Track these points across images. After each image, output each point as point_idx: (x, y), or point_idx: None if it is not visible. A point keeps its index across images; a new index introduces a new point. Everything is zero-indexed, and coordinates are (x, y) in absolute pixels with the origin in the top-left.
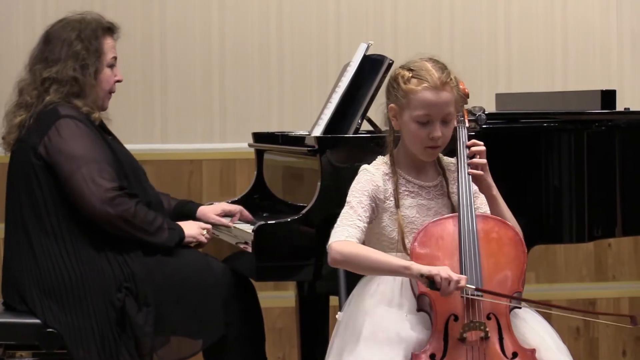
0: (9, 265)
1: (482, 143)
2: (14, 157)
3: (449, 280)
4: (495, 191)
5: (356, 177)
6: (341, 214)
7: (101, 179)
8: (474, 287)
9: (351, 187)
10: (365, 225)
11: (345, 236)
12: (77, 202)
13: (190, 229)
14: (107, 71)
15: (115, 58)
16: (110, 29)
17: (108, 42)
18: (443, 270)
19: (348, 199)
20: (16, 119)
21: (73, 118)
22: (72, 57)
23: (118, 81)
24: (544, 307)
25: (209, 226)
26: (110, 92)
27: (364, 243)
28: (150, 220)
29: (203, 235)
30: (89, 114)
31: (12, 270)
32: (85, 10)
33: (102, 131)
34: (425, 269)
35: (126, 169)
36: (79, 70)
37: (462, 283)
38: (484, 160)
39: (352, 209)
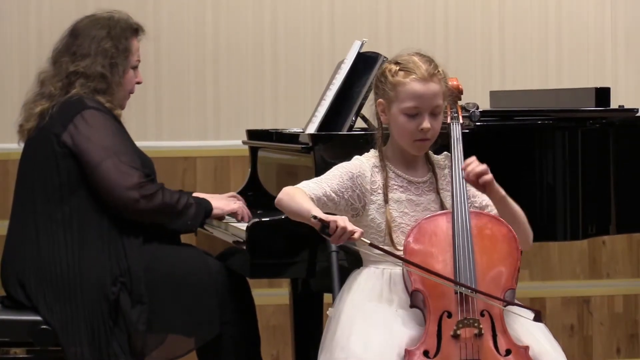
0: (12, 251)
1: (473, 158)
2: (32, 144)
3: (344, 229)
4: (503, 192)
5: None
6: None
7: (130, 167)
8: (368, 242)
9: (338, 165)
10: (331, 193)
11: (303, 186)
12: (105, 190)
13: (218, 200)
14: (131, 72)
15: (139, 61)
16: (137, 30)
17: (135, 43)
18: (341, 220)
19: (330, 170)
20: (37, 108)
21: (98, 109)
22: (102, 54)
23: (138, 82)
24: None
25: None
26: (131, 92)
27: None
28: (176, 199)
29: (235, 203)
30: (111, 109)
31: (15, 256)
32: (113, 9)
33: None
34: (322, 215)
35: (144, 163)
36: (107, 67)
37: (357, 235)
38: (491, 176)
39: (325, 175)
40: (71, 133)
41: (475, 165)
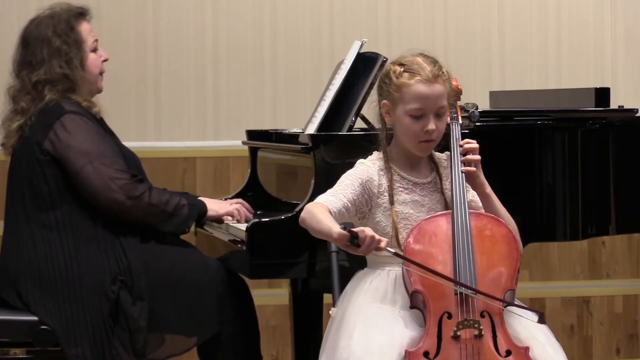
0: (7, 261)
1: (474, 141)
2: (17, 154)
3: (372, 238)
4: (489, 189)
5: (352, 167)
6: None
7: (113, 170)
8: (393, 251)
9: (346, 173)
10: (348, 203)
11: (323, 201)
12: (91, 195)
13: (214, 203)
14: (92, 56)
15: (96, 40)
16: (82, 14)
17: (84, 27)
18: (367, 229)
19: (340, 179)
20: (14, 124)
21: (77, 113)
22: (55, 55)
23: (105, 60)
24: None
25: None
26: (101, 72)
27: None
28: (166, 200)
29: (231, 205)
30: (89, 109)
31: (10, 265)
32: (53, 3)
33: (103, 126)
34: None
35: (129, 162)
36: (65, 66)
37: (383, 244)
38: (478, 157)
39: (339, 186)
40: (52, 140)
41: (473, 148)
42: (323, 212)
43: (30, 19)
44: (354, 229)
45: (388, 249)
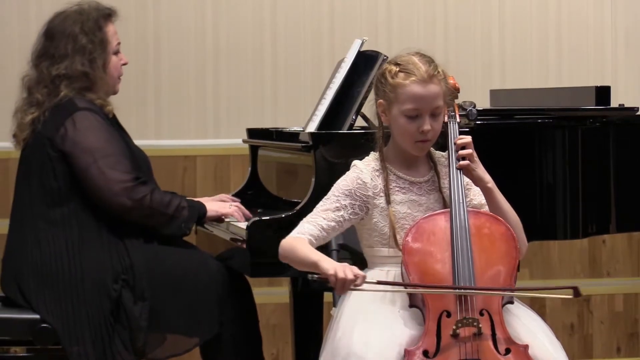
0: (11, 256)
1: (467, 136)
2: (28, 149)
3: (343, 281)
4: (491, 183)
5: (346, 173)
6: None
7: (117, 171)
8: (375, 281)
9: (336, 182)
10: (330, 224)
11: (298, 232)
12: (94, 194)
13: (212, 203)
14: (114, 59)
15: (119, 43)
16: (109, 15)
17: (110, 29)
18: (341, 270)
19: (329, 193)
20: (27, 117)
21: (89, 110)
22: (79, 52)
23: (124, 64)
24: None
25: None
26: (119, 76)
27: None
28: (167, 202)
29: (230, 207)
30: (102, 107)
31: (14, 260)
32: (81, 0)
33: (115, 124)
34: (323, 265)
35: (139, 161)
36: (87, 64)
37: (359, 282)
38: (470, 150)
39: (323, 206)
40: (62, 137)
41: (466, 142)
42: (301, 244)
43: (56, 12)
44: (325, 272)
45: (367, 281)
